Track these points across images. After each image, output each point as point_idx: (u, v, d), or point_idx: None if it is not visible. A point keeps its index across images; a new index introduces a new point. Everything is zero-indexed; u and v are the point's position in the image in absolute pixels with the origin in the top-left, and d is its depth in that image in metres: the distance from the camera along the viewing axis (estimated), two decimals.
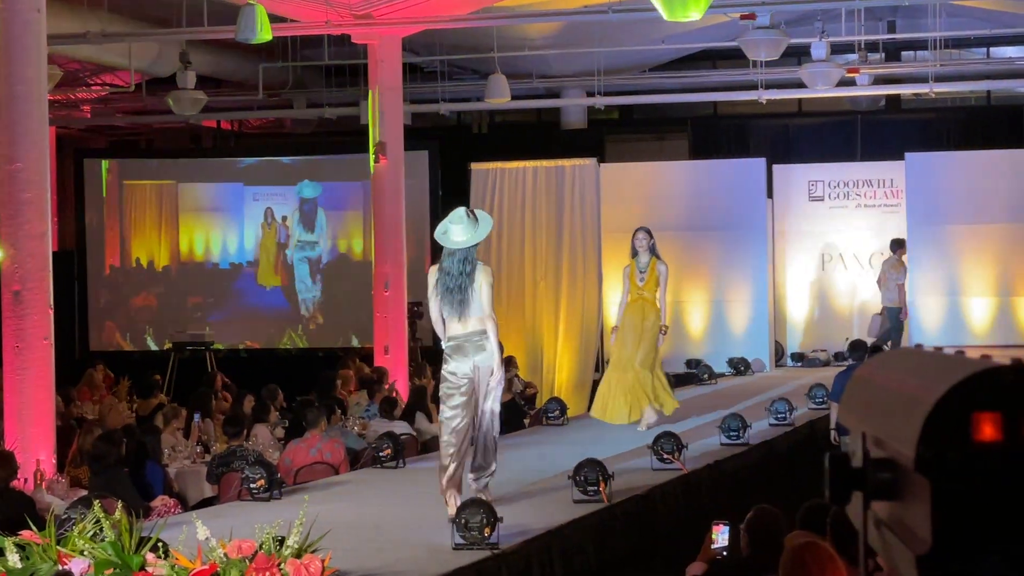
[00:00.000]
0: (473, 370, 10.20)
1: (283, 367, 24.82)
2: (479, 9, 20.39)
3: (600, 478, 10.52)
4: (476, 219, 10.22)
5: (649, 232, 15.23)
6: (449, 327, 10.24)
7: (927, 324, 23.24)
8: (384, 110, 20.22)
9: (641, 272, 15.07)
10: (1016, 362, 2.06)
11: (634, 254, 15.20)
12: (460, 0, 19.86)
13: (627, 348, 15.09)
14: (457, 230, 10.16)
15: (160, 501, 11.82)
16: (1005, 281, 23.23)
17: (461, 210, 10.27)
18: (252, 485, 10.94)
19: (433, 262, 27.96)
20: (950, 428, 2.04)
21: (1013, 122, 26.53)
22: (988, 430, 2.02)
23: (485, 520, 8.80)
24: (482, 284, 10.12)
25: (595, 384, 22.98)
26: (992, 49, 27.39)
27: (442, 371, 10.38)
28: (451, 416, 10.23)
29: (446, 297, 10.16)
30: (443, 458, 10.23)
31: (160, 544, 8.04)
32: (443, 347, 10.36)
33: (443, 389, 10.40)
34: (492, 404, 10.35)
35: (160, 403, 17.79)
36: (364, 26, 19.78)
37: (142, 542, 7.98)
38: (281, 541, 7.90)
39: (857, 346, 19.61)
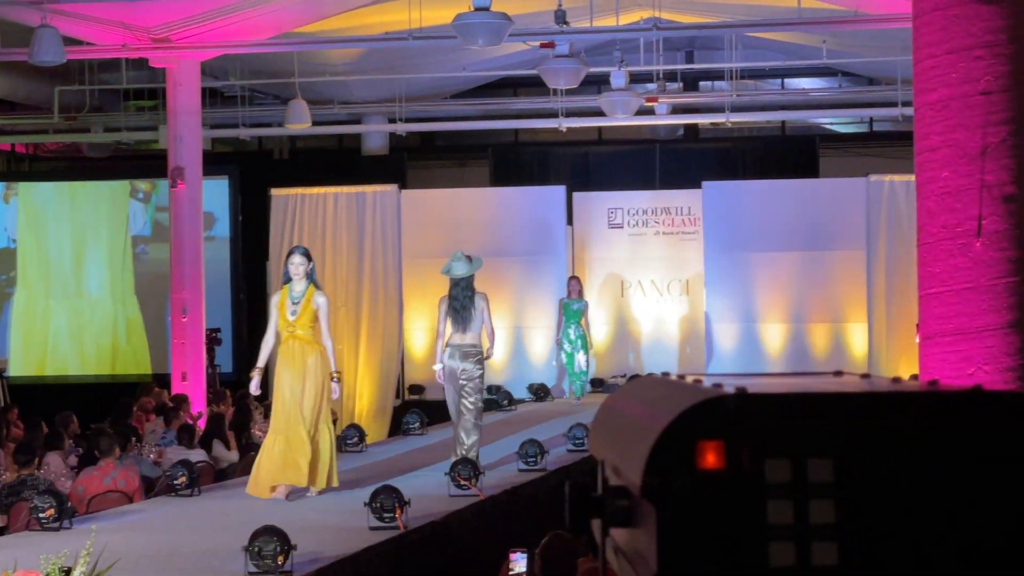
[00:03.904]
0: (459, 371, 13.55)
1: (79, 395, 24.39)
2: (279, 34, 20.28)
3: (396, 505, 10.51)
4: (470, 259, 13.68)
5: (308, 255, 12.46)
6: (452, 338, 13.63)
7: (723, 350, 23.62)
8: (182, 134, 20.04)
9: (294, 304, 12.24)
10: (740, 391, 2.11)
11: (287, 280, 12.37)
12: (260, 25, 19.72)
13: (290, 403, 12.22)
14: (458, 266, 13.67)
15: None
16: (799, 308, 23.69)
17: (459, 252, 13.73)
18: (41, 515, 10.72)
19: (234, 288, 27.60)
20: (675, 456, 2.10)
21: (807, 152, 27.03)
22: (711, 458, 2.08)
23: (279, 548, 8.73)
24: (483, 307, 13.73)
25: (395, 411, 23.02)
26: (787, 80, 28.02)
27: (442, 363, 13.70)
28: (446, 391, 13.80)
29: (454, 316, 13.62)
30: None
31: None
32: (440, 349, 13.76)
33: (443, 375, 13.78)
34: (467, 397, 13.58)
35: None
36: (162, 50, 19.58)
37: None
38: (68, 572, 7.77)
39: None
